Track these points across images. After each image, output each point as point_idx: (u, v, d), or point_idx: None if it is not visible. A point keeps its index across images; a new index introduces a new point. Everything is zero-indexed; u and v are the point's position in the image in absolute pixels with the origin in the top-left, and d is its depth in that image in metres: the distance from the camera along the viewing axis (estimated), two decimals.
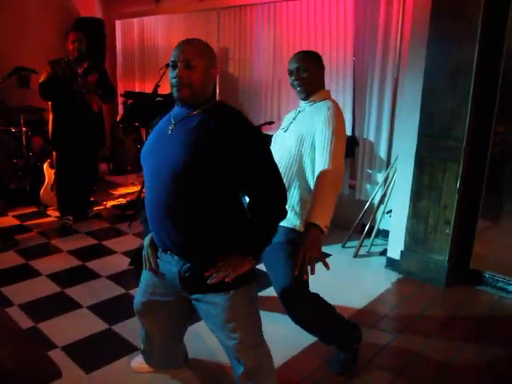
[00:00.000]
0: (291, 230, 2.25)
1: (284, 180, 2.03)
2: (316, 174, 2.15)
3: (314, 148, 2.19)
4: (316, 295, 2.33)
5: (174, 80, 1.69)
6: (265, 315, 2.95)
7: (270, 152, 1.80)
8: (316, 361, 2.52)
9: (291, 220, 2.24)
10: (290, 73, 2.30)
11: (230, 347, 1.89)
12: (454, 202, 3.27)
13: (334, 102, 2.31)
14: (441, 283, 3.38)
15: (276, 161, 1.87)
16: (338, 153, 2.15)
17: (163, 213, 1.73)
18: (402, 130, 3.61)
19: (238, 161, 1.67)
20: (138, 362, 2.41)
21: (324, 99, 2.30)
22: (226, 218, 1.76)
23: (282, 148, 2.30)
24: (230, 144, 1.65)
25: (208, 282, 1.74)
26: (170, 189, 1.69)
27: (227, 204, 1.77)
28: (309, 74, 2.26)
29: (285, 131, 2.36)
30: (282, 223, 2.12)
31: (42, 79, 4.12)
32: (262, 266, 3.62)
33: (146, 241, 1.95)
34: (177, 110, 1.80)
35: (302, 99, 2.34)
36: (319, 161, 2.15)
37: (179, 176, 1.66)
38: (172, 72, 1.70)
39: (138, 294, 2.13)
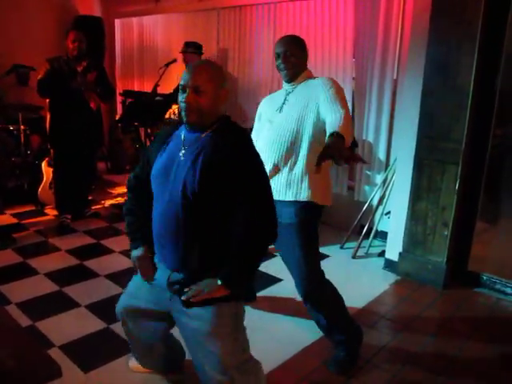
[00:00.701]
0: (298, 202, 2.35)
1: (288, 155, 2.32)
2: (331, 119, 2.17)
3: (319, 114, 2.28)
4: (329, 282, 2.49)
5: (182, 104, 1.73)
6: (264, 315, 2.97)
7: (264, 175, 1.80)
8: (315, 361, 2.52)
9: (298, 193, 2.35)
10: (277, 56, 2.39)
11: (208, 369, 1.81)
12: (453, 203, 3.27)
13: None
14: (439, 285, 3.39)
15: (274, 139, 2.28)
16: (343, 98, 2.28)
17: (170, 229, 1.78)
18: (401, 132, 3.62)
19: (236, 182, 1.71)
20: (136, 361, 2.40)
21: (310, 78, 2.43)
22: (226, 236, 1.79)
23: (280, 127, 2.36)
24: (229, 166, 1.70)
25: (182, 298, 1.77)
26: (178, 208, 1.74)
27: (228, 222, 1.79)
28: (295, 58, 2.38)
29: (279, 112, 2.41)
30: (290, 197, 2.34)
31: (40, 76, 4.11)
32: (261, 266, 3.62)
33: (139, 252, 1.95)
34: (186, 132, 1.83)
35: (287, 81, 2.43)
36: (331, 110, 2.21)
37: (188, 198, 1.72)
38: (181, 96, 1.74)
39: (123, 297, 2.11)
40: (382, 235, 4.07)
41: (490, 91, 3.19)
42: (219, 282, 1.72)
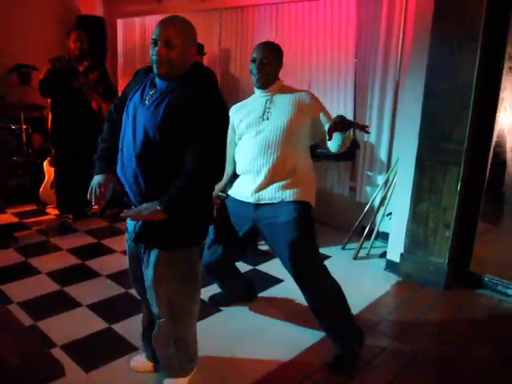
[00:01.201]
0: (295, 202, 2.49)
1: (281, 159, 2.44)
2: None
3: (310, 125, 2.47)
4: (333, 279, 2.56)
5: (154, 57, 1.83)
6: (266, 316, 2.97)
7: (221, 122, 1.92)
8: (317, 361, 2.52)
9: (294, 193, 2.48)
10: (253, 60, 2.47)
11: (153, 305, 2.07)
12: (455, 204, 3.27)
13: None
14: (440, 286, 3.38)
15: (266, 145, 2.43)
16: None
17: (134, 162, 1.89)
18: (403, 133, 3.61)
19: (195, 127, 1.81)
20: (137, 361, 2.40)
21: (286, 89, 2.55)
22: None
23: (271, 134, 2.45)
24: (190, 111, 1.81)
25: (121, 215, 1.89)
26: (137, 147, 1.87)
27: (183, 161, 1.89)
28: (271, 66, 2.46)
29: (265, 120, 2.49)
30: (289, 198, 2.47)
31: (41, 76, 4.12)
32: (261, 267, 3.62)
33: (101, 178, 2.07)
34: (157, 81, 1.92)
35: (258, 88, 2.53)
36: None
37: (147, 139, 1.85)
38: (152, 49, 1.83)
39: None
40: (384, 236, 4.07)
41: (492, 91, 3.18)
42: (157, 207, 1.80)
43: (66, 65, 4.12)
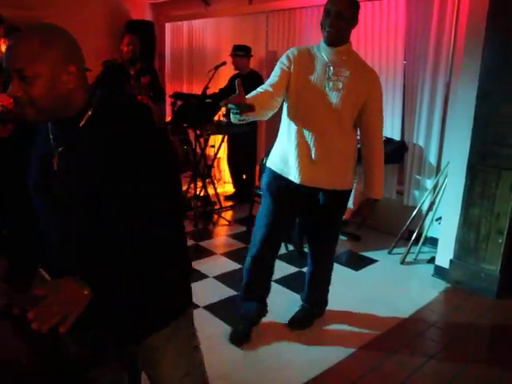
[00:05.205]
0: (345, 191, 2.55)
1: (340, 139, 2.35)
2: (372, 133, 2.43)
3: (360, 107, 2.35)
4: None
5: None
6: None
7: (168, 172, 1.29)
8: (363, 367, 2.50)
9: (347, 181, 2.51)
10: (328, 13, 2.22)
11: None
12: (508, 210, 3.16)
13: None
14: (492, 294, 3.28)
15: (328, 124, 2.30)
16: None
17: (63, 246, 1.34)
18: (454, 136, 3.52)
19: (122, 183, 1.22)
20: None
21: (356, 54, 2.41)
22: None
23: (333, 112, 2.31)
24: (115, 167, 1.21)
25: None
26: (64, 228, 1.31)
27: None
28: (346, 24, 2.24)
29: (328, 88, 2.29)
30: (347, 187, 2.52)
31: (94, 80, 4.25)
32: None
33: None
34: (52, 126, 1.31)
35: (328, 44, 2.30)
36: (375, 131, 2.43)
37: (71, 216, 1.28)
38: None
39: None
40: (432, 241, 3.98)
41: None
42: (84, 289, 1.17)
43: (118, 68, 4.24)
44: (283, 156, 2.46)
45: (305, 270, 3.62)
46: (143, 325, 1.36)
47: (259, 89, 2.24)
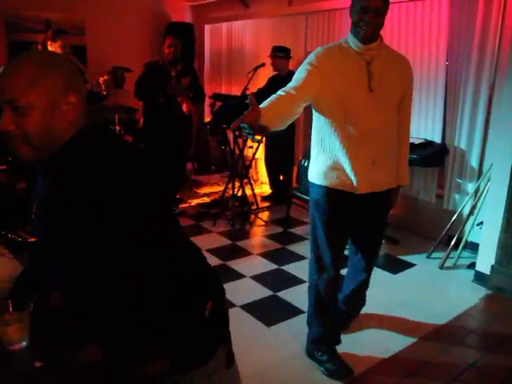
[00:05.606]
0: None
1: (388, 143, 2.26)
2: (404, 121, 2.36)
3: (400, 96, 2.27)
4: None
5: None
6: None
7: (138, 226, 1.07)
8: (399, 372, 2.47)
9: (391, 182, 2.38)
10: (365, 10, 2.05)
11: None
12: None
13: None
14: None
15: (375, 128, 2.16)
16: None
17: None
18: (498, 139, 3.43)
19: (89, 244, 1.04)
20: None
21: (388, 47, 2.31)
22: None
23: (378, 114, 2.17)
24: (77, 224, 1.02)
25: None
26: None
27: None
28: (383, 20, 2.12)
29: (370, 90, 2.13)
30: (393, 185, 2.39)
31: (137, 80, 4.36)
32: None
33: None
34: (38, 173, 1.17)
35: (363, 42, 2.13)
36: (408, 114, 2.38)
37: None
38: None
39: None
40: (472, 246, 3.89)
41: None
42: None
43: (159, 69, 4.33)
44: (334, 167, 2.22)
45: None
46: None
47: (280, 92, 2.02)
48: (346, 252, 2.56)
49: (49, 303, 1.31)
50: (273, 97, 1.97)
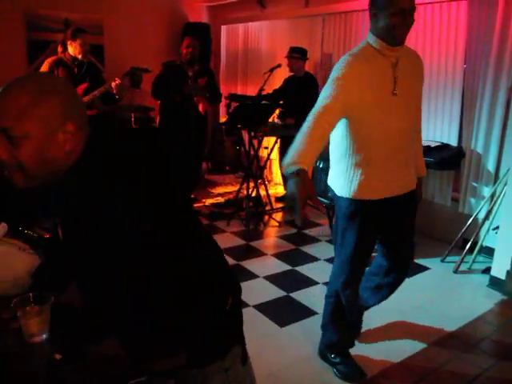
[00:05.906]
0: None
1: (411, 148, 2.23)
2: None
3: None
4: None
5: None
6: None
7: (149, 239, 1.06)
8: (412, 376, 2.47)
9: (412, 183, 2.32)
10: (402, 12, 1.93)
11: None
12: None
13: None
14: None
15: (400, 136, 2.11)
16: None
17: None
18: None
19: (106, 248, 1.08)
20: None
21: (408, 48, 2.19)
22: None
23: (400, 115, 2.11)
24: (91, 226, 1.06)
25: None
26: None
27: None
28: (413, 19, 2.02)
29: (394, 95, 2.07)
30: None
31: (154, 79, 4.39)
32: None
33: None
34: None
35: (396, 44, 2.04)
36: (421, 107, 2.32)
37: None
38: None
39: None
40: (487, 251, 3.86)
41: None
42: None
43: (177, 69, 4.36)
44: (364, 177, 2.15)
45: None
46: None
47: (313, 128, 1.95)
48: None
49: (60, 301, 1.34)
50: (308, 136, 1.95)
